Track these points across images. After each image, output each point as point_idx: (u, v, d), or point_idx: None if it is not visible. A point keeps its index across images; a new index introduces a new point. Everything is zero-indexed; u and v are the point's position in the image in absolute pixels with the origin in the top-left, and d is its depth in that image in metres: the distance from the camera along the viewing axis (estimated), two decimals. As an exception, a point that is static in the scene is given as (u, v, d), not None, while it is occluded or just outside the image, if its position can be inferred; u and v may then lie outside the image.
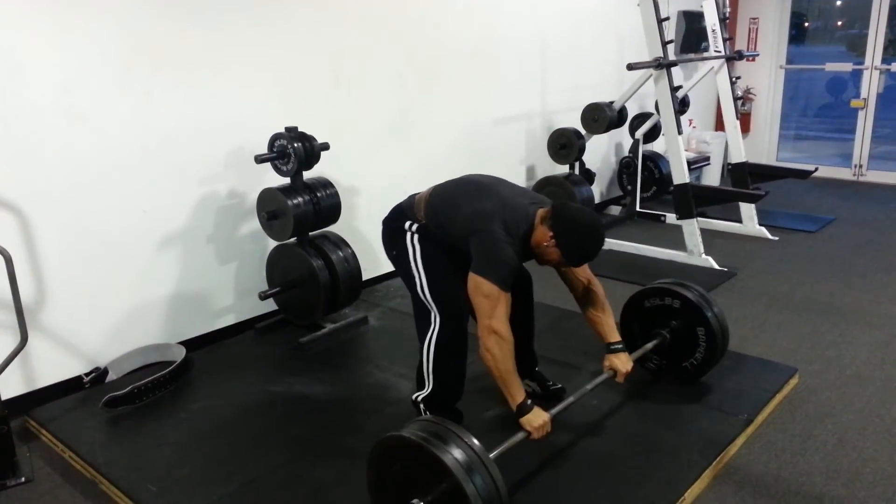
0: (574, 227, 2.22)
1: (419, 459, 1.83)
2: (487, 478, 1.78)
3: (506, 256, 2.19)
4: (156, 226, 3.19)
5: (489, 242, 2.19)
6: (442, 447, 1.79)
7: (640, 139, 5.49)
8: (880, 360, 3.15)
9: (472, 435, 1.86)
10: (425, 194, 2.46)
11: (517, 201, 2.31)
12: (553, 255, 2.24)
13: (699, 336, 2.73)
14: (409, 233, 2.42)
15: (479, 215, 2.24)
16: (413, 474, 1.86)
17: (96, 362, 3.08)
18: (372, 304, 3.88)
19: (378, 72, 4.01)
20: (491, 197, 2.30)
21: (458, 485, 1.74)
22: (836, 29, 9.31)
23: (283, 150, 3.23)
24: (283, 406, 2.84)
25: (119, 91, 2.98)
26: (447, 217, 2.34)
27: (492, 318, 2.15)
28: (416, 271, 2.40)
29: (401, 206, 2.52)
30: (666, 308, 2.79)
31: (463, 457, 1.78)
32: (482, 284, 2.16)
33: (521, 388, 2.22)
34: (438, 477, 1.78)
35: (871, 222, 5.45)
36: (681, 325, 2.76)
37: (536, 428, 2.15)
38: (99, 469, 2.43)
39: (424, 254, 2.39)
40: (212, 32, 3.23)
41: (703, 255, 4.45)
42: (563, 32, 5.30)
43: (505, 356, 2.17)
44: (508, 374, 2.19)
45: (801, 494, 2.24)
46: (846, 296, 3.94)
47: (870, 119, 6.77)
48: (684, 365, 2.80)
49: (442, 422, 1.91)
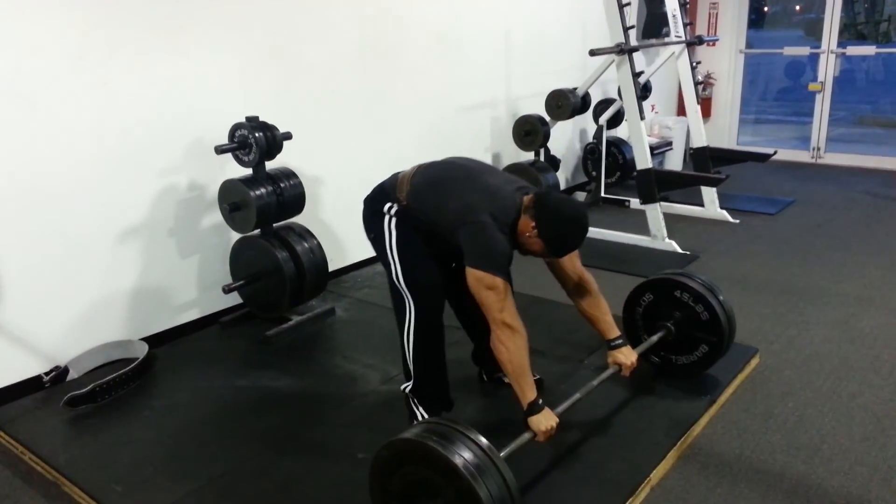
0: (556, 216, 2.15)
1: (427, 462, 1.77)
2: (499, 479, 1.72)
3: (500, 246, 2.13)
4: (114, 219, 3.12)
5: (481, 234, 2.13)
6: (451, 448, 1.73)
7: (604, 125, 5.53)
8: (838, 339, 3.23)
9: (480, 434, 1.80)
10: (408, 174, 2.37)
11: (504, 189, 2.23)
12: (535, 245, 2.18)
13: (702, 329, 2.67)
14: (387, 216, 2.35)
15: (468, 207, 2.17)
16: (420, 478, 1.79)
17: (56, 361, 3.01)
18: (339, 295, 3.86)
19: (341, 60, 3.97)
20: (478, 186, 2.23)
21: (469, 487, 1.67)
22: (794, 14, 9.48)
23: (244, 141, 3.18)
24: (249, 400, 2.81)
25: (72, 78, 2.89)
26: (433, 205, 2.27)
27: (502, 312, 2.09)
28: (391, 258, 2.35)
29: (383, 184, 2.43)
30: (672, 300, 2.72)
31: (473, 458, 1.72)
32: (483, 278, 2.09)
33: (534, 386, 2.14)
34: (448, 480, 1.72)
35: (828, 203, 5.58)
36: (685, 317, 2.69)
37: (544, 431, 2.09)
38: (61, 470, 2.38)
39: (400, 240, 2.33)
40: (169, 18, 3.16)
41: (667, 239, 4.51)
42: (527, 19, 5.29)
43: (519, 350, 2.11)
44: (522, 368, 2.12)
45: (763, 472, 2.30)
46: (805, 276, 4.04)
47: (827, 102, 6.92)
48: (688, 359, 2.76)
49: (448, 423, 1.84)
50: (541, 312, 3.36)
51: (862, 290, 3.79)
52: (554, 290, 2.53)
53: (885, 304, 3.61)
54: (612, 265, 4.19)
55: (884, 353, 3.09)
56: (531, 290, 3.39)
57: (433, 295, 2.40)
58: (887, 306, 3.57)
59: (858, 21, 8.29)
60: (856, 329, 3.33)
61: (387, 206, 2.35)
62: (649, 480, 2.22)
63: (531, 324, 2.13)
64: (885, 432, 2.50)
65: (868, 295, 3.73)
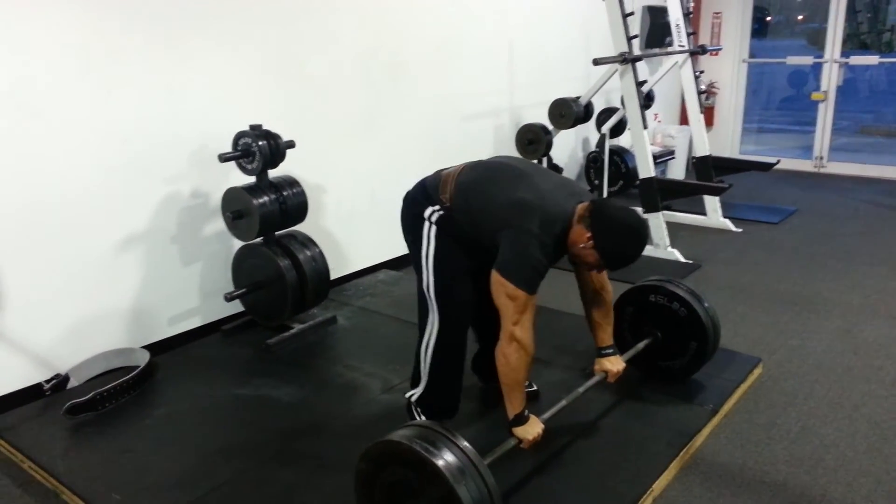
0: (614, 228, 2.04)
1: (411, 465, 1.78)
2: (481, 484, 1.74)
3: (536, 260, 2.04)
4: (117, 226, 3.13)
5: (523, 241, 2.03)
6: (434, 452, 1.74)
7: (607, 134, 5.52)
8: (841, 349, 3.22)
9: (464, 439, 1.81)
10: (454, 172, 2.28)
11: (556, 195, 2.12)
12: (590, 256, 2.07)
13: (689, 335, 2.69)
14: (427, 222, 2.27)
15: (518, 207, 2.07)
16: (404, 480, 1.80)
17: (57, 369, 3.00)
18: (341, 303, 3.85)
19: (344, 68, 3.98)
20: (529, 188, 2.11)
21: (451, 490, 1.69)
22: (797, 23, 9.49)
23: (247, 149, 3.18)
24: (250, 409, 2.81)
25: (77, 88, 2.90)
26: (479, 205, 2.17)
27: (517, 325, 2.04)
28: (425, 268, 2.29)
29: (424, 183, 2.34)
30: (658, 306, 2.75)
31: (456, 461, 1.73)
32: (507, 285, 2.02)
33: (524, 399, 2.13)
34: (431, 482, 1.73)
35: (831, 213, 5.57)
36: (672, 323, 2.71)
37: (530, 440, 2.10)
38: (60, 479, 2.37)
39: (438, 251, 2.26)
40: (172, 27, 3.17)
41: (669, 247, 4.51)
42: (530, 28, 5.31)
43: (520, 367, 2.07)
44: (517, 383, 2.10)
45: (765, 482, 2.28)
46: (808, 286, 4.02)
47: (830, 112, 6.92)
48: (673, 364, 2.78)
49: (433, 425, 1.85)
50: (545, 321, 3.31)
51: (865, 300, 3.77)
52: (558, 299, 2.53)
53: (888, 313, 3.59)
54: (614, 273, 4.09)
55: (887, 363, 3.07)
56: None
57: (461, 313, 2.36)
58: (891, 316, 3.56)
59: (861, 31, 8.30)
60: (859, 339, 3.32)
61: (428, 212, 2.27)
62: (651, 491, 2.21)
63: (535, 332, 2.12)
64: (888, 443, 2.48)
65: (871, 304, 3.71)
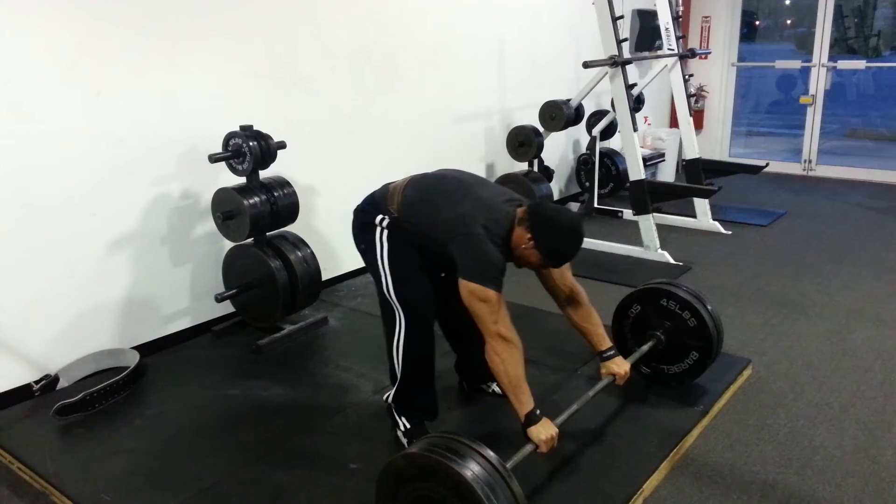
0: (552, 226, 2.14)
1: (436, 478, 1.73)
2: (508, 493, 1.71)
3: (493, 258, 2.11)
4: (107, 227, 3.11)
5: (475, 246, 2.11)
6: (460, 462, 1.70)
7: (597, 136, 5.55)
8: (830, 351, 3.24)
9: (487, 447, 1.77)
10: (399, 186, 2.35)
11: (497, 201, 2.22)
12: (532, 256, 2.16)
13: (691, 338, 2.70)
14: (378, 227, 2.33)
15: (460, 219, 2.16)
16: (428, 494, 1.76)
17: (46, 369, 2.98)
18: (332, 304, 3.85)
19: (335, 69, 3.98)
20: (471, 198, 2.22)
21: (479, 501, 1.65)
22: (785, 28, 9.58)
23: (238, 149, 3.17)
24: (241, 410, 2.80)
25: (66, 88, 2.89)
26: (425, 218, 2.26)
27: (497, 323, 2.08)
28: (382, 270, 2.34)
29: (373, 196, 2.41)
30: (659, 309, 2.74)
31: (483, 472, 1.70)
32: (476, 290, 2.07)
33: (531, 397, 2.12)
34: (458, 495, 1.69)
35: (820, 216, 5.62)
36: (677, 330, 2.71)
37: (545, 441, 2.07)
38: (49, 480, 2.35)
39: (392, 253, 2.32)
40: (162, 28, 3.16)
41: (659, 249, 4.53)
42: (521, 30, 5.33)
43: (514, 361, 2.10)
44: (518, 379, 2.11)
45: (755, 483, 2.30)
46: (797, 287, 4.05)
47: (818, 115, 6.97)
48: (679, 368, 2.77)
49: (454, 436, 1.82)
50: (532, 322, 3.35)
51: (853, 302, 3.81)
52: (545, 300, 2.53)
53: (876, 315, 3.62)
54: (605, 276, 4.20)
55: (875, 364, 3.10)
56: (522, 300, 3.39)
57: (424, 308, 2.39)
58: (879, 318, 3.59)
59: (849, 36, 8.39)
60: (847, 340, 3.35)
61: (378, 219, 2.34)
62: (642, 492, 2.22)
63: (522, 334, 2.13)
64: (876, 444, 2.50)
65: (859, 307, 3.74)
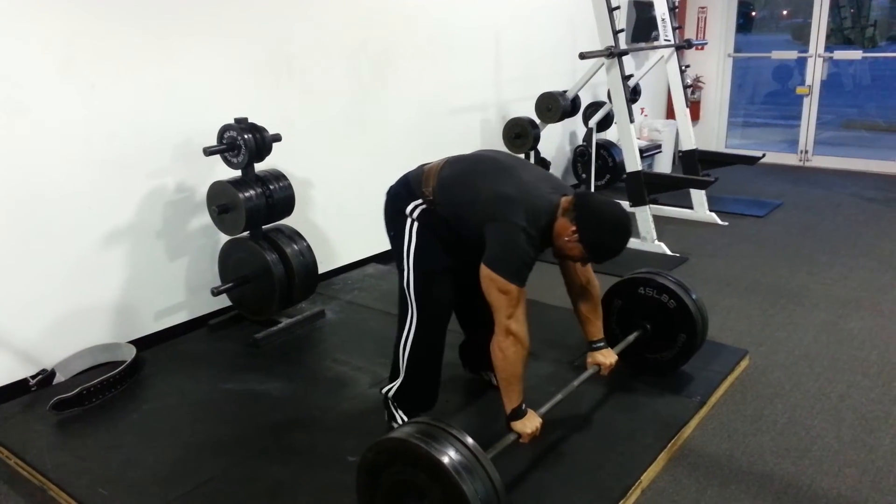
0: (599, 220, 2.05)
1: (414, 462, 1.77)
2: (486, 478, 1.73)
3: (523, 252, 2.02)
4: (102, 221, 3.10)
5: (509, 234, 2.02)
6: (437, 447, 1.73)
7: (594, 128, 5.53)
8: (826, 340, 3.25)
9: (467, 434, 1.80)
10: (436, 167, 2.27)
11: (540, 188, 2.12)
12: (574, 249, 2.08)
13: (678, 327, 2.71)
14: (409, 219, 2.25)
15: (501, 201, 2.06)
16: (407, 478, 1.79)
17: (42, 364, 2.97)
18: (329, 297, 3.84)
19: (331, 61, 3.95)
20: (513, 180, 2.11)
21: (456, 486, 1.68)
22: (782, 18, 9.56)
23: (233, 142, 3.16)
24: (238, 404, 2.79)
25: (61, 82, 2.87)
26: (462, 199, 2.16)
27: (511, 318, 2.03)
28: (406, 264, 2.28)
29: (407, 178, 2.32)
30: (647, 299, 2.76)
31: (459, 457, 1.73)
32: (497, 280, 2.01)
33: (521, 393, 2.11)
34: (435, 479, 1.72)
35: (816, 206, 5.62)
36: (661, 316, 2.73)
37: (528, 433, 2.09)
38: (47, 474, 2.34)
39: (419, 250, 2.25)
40: (157, 21, 3.13)
41: (656, 241, 4.53)
42: (517, 22, 5.30)
43: (517, 361, 2.06)
44: (515, 378, 2.07)
45: (753, 473, 2.30)
46: (794, 278, 4.06)
47: (814, 106, 6.96)
48: (661, 356, 2.80)
49: (435, 423, 1.83)
50: (533, 314, 3.31)
51: (850, 292, 3.81)
52: (545, 292, 2.53)
53: (872, 305, 3.63)
54: (602, 267, 4.11)
55: (872, 354, 3.11)
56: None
57: (440, 312, 2.36)
58: (875, 308, 3.60)
59: (845, 26, 8.38)
60: (844, 331, 3.35)
61: (410, 208, 2.26)
62: (640, 483, 2.22)
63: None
64: (873, 434, 2.51)
65: (856, 297, 3.75)
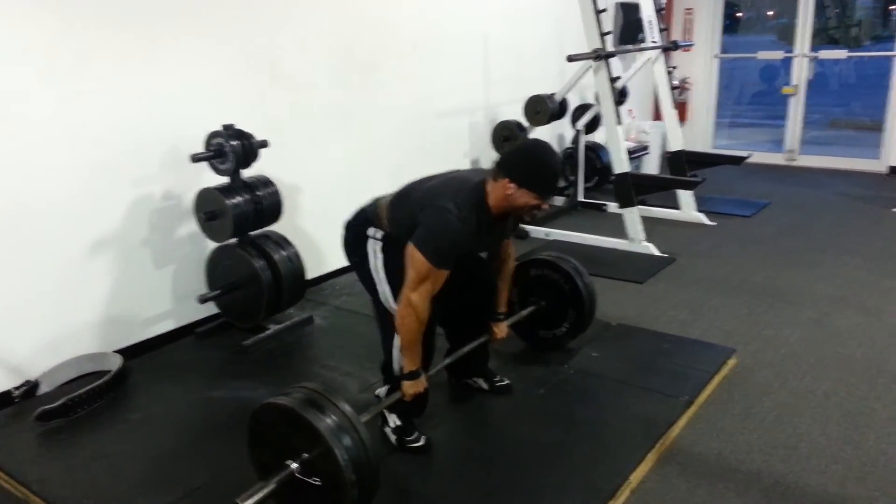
0: (520, 156, 2.21)
1: (293, 424, 1.89)
2: (357, 439, 1.85)
3: (450, 234, 2.12)
4: (88, 229, 3.08)
5: (435, 217, 2.14)
6: (313, 412, 1.86)
7: (582, 130, 5.56)
8: (813, 339, 3.26)
9: (344, 400, 1.93)
10: (385, 203, 2.37)
11: (466, 176, 2.30)
12: (522, 198, 2.16)
13: (568, 305, 2.95)
14: (371, 240, 2.36)
15: (429, 192, 2.22)
16: (288, 438, 1.91)
17: (27, 375, 2.94)
18: (317, 303, 3.83)
19: (316, 66, 3.95)
20: (437, 178, 2.31)
21: (327, 446, 1.81)
22: (767, 19, 9.62)
23: (219, 149, 3.15)
24: (226, 412, 2.77)
25: (43, 90, 2.85)
26: (402, 212, 2.27)
27: (414, 291, 2.13)
28: (378, 280, 2.36)
29: (364, 210, 2.43)
30: (544, 278, 2.97)
31: (333, 420, 1.86)
32: (416, 257, 2.11)
33: (418, 360, 2.26)
34: (310, 440, 1.85)
35: (803, 205, 5.65)
36: (555, 294, 2.95)
37: (410, 394, 2.27)
38: (31, 487, 2.32)
39: (388, 262, 2.32)
40: (141, 27, 3.12)
41: (644, 242, 4.54)
42: (505, 25, 5.32)
43: (412, 330, 2.18)
44: (410, 343, 2.22)
45: (741, 471, 2.31)
46: (781, 277, 4.07)
47: (800, 105, 7.02)
48: (554, 332, 3.03)
49: (317, 388, 1.96)
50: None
51: (836, 290, 3.83)
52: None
53: (859, 303, 3.65)
54: (591, 268, 4.13)
55: (858, 352, 3.12)
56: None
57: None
58: (861, 306, 3.62)
59: (830, 26, 8.44)
60: (831, 329, 3.37)
61: (371, 231, 2.36)
62: (629, 483, 2.22)
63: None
64: (860, 430, 2.52)
65: (842, 295, 3.77)
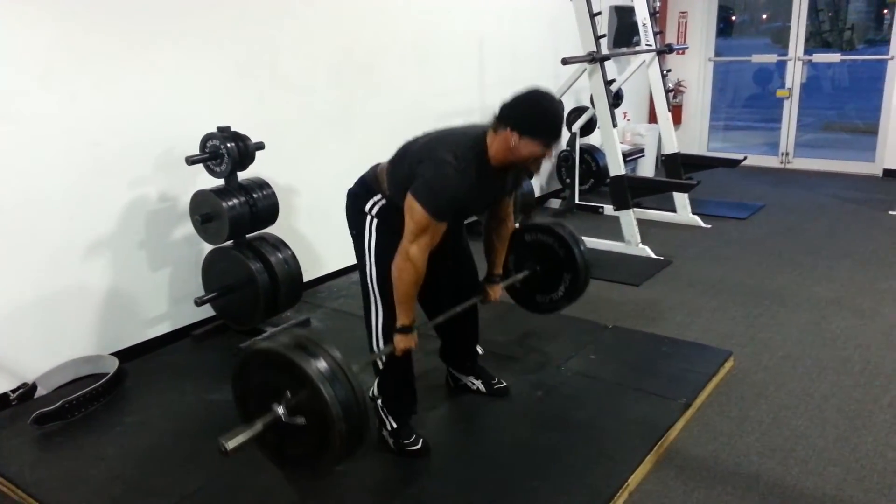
0: (522, 105, 2.11)
1: (281, 367, 1.84)
2: (346, 384, 1.81)
3: (449, 185, 2.09)
4: (84, 232, 3.06)
5: (434, 169, 2.10)
6: (303, 356, 1.81)
7: (577, 133, 5.57)
8: (809, 341, 3.28)
9: (335, 347, 1.88)
10: (385, 164, 2.38)
11: (465, 130, 2.26)
12: (526, 147, 2.10)
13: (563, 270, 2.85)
14: (368, 216, 2.36)
15: (427, 146, 2.20)
16: (275, 383, 1.87)
17: (23, 378, 2.93)
18: (314, 305, 3.82)
19: (314, 68, 3.95)
20: (436, 132, 2.28)
21: (317, 389, 1.76)
22: (761, 22, 9.66)
23: (215, 151, 3.14)
24: (223, 414, 2.74)
25: (40, 92, 2.84)
26: (401, 169, 2.25)
27: (413, 243, 2.11)
28: (368, 260, 2.37)
29: (364, 178, 2.43)
30: (539, 243, 2.88)
31: (324, 365, 1.81)
32: (415, 208, 2.09)
33: (412, 314, 2.23)
34: (299, 383, 1.81)
35: (798, 208, 5.68)
36: (550, 259, 2.85)
37: (401, 348, 2.26)
38: (27, 490, 2.31)
39: (380, 244, 2.33)
40: (138, 29, 3.11)
41: (640, 244, 4.55)
42: (501, 27, 5.33)
43: (409, 282, 2.16)
44: (406, 296, 2.19)
45: (739, 474, 2.31)
46: (776, 279, 4.09)
47: (795, 108, 7.05)
48: (550, 297, 2.92)
49: (307, 337, 1.92)
50: (518, 319, 3.35)
51: (832, 293, 3.85)
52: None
53: (854, 305, 3.67)
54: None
55: (854, 354, 3.14)
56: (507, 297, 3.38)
57: None
58: (857, 308, 3.63)
59: (823, 29, 8.48)
60: (827, 331, 3.38)
61: (369, 205, 2.35)
62: (627, 486, 2.23)
63: (508, 331, 2.12)
64: (857, 432, 2.53)
65: (838, 297, 3.78)
